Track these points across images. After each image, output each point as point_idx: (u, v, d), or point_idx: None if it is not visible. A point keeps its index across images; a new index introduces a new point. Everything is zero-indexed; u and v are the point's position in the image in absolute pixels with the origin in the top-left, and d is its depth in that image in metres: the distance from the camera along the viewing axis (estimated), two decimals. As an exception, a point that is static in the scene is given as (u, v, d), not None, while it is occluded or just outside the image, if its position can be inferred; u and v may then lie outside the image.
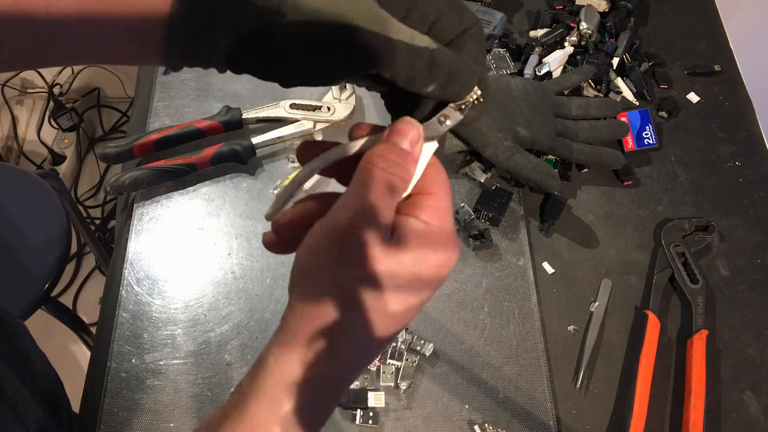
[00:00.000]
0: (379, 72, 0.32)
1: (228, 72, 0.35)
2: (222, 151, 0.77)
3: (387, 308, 0.32)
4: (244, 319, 0.71)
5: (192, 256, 0.75)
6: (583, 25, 0.87)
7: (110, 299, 0.72)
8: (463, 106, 0.35)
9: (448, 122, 0.35)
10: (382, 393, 0.66)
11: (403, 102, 0.36)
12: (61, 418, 0.64)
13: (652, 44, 0.91)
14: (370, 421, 0.65)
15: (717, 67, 0.89)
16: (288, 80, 0.34)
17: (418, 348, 0.68)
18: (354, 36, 0.31)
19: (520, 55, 0.88)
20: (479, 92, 0.35)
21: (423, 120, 0.35)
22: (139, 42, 0.33)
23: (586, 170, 0.81)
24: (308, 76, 0.34)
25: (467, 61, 0.34)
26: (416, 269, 0.32)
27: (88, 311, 1.69)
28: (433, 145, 0.35)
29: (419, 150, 0.34)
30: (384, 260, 0.31)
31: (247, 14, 0.32)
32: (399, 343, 0.68)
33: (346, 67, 0.33)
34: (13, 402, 0.53)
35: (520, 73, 0.86)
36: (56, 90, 1.90)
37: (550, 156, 0.79)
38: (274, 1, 0.32)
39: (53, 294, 1.11)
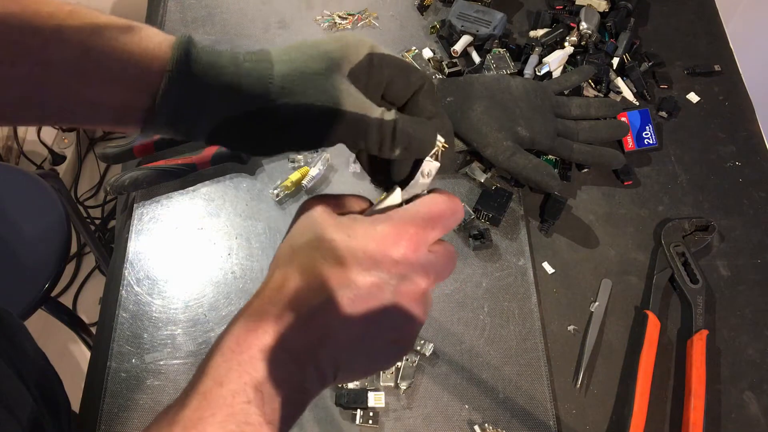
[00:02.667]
0: (354, 144, 0.37)
1: None
2: (222, 151, 0.77)
3: (350, 278, 0.34)
4: (244, 319, 0.71)
5: (192, 256, 0.75)
6: (583, 25, 0.87)
7: (110, 299, 0.72)
8: (437, 157, 0.39)
9: (432, 173, 0.40)
10: (382, 393, 0.66)
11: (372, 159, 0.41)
12: (60, 418, 0.64)
13: (652, 44, 0.91)
14: (370, 421, 0.65)
15: (717, 67, 0.89)
16: (260, 154, 0.38)
17: (418, 348, 0.68)
18: (338, 117, 0.35)
19: (520, 55, 0.88)
20: (443, 140, 0.39)
21: (408, 178, 0.40)
22: (120, 115, 0.36)
23: (586, 170, 0.81)
24: (282, 149, 0.38)
25: (425, 122, 0.38)
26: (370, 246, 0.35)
27: (88, 311, 1.68)
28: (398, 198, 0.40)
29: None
30: (339, 234, 0.35)
31: (234, 101, 0.35)
32: (399, 343, 0.68)
33: (324, 141, 0.36)
34: (10, 402, 0.53)
35: (520, 73, 0.86)
36: (56, 90, 1.90)
37: (550, 156, 0.79)
38: (260, 86, 0.35)
39: (53, 294, 1.11)
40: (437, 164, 0.39)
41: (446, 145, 0.39)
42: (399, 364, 0.67)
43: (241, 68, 0.35)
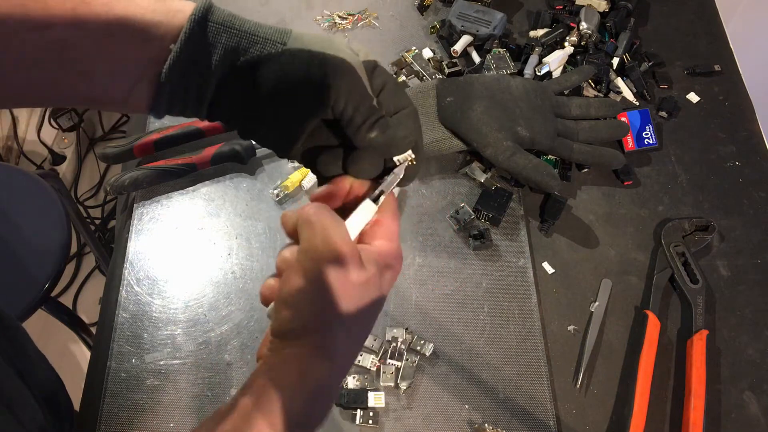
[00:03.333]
0: (344, 110, 0.38)
1: None
2: (222, 151, 0.77)
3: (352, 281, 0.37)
4: (244, 319, 0.71)
5: (192, 256, 0.75)
6: (583, 25, 0.87)
7: (110, 299, 0.72)
8: (404, 165, 0.42)
9: (396, 180, 0.42)
10: (382, 393, 0.66)
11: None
12: (63, 420, 0.64)
13: (652, 44, 0.91)
14: (370, 421, 0.65)
15: (717, 67, 0.89)
16: (254, 127, 0.40)
17: (418, 348, 0.68)
18: (346, 71, 0.37)
19: (520, 55, 0.88)
20: (413, 155, 0.42)
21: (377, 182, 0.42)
22: (140, 75, 0.37)
23: (586, 170, 0.81)
24: (287, 113, 0.39)
25: (407, 127, 0.41)
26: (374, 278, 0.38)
27: (88, 311, 1.68)
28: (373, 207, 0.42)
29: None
30: (356, 281, 0.37)
31: (251, 45, 0.37)
32: (399, 343, 0.68)
33: (327, 99, 0.38)
34: (11, 401, 0.53)
35: (520, 73, 0.86)
36: (56, 90, 1.90)
37: (550, 156, 0.79)
38: (276, 34, 0.38)
39: (53, 294, 1.10)
40: (401, 174, 0.42)
41: (414, 162, 0.42)
42: (399, 364, 0.67)
43: (260, 24, 0.38)
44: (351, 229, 0.39)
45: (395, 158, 0.42)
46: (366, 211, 0.41)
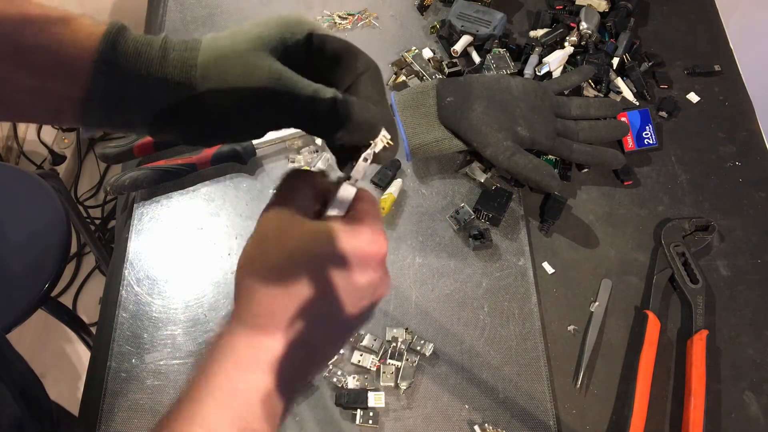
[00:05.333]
0: (288, 126, 0.36)
1: None
2: (222, 151, 0.77)
3: (353, 280, 0.35)
4: (244, 319, 0.71)
5: (192, 256, 0.75)
6: (583, 25, 0.87)
7: (110, 299, 0.72)
8: (376, 150, 0.37)
9: (366, 163, 0.38)
10: (382, 393, 0.66)
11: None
12: (42, 417, 0.64)
13: (652, 44, 0.91)
14: (370, 421, 0.65)
15: (717, 67, 0.89)
16: (205, 144, 0.38)
17: (418, 348, 0.68)
18: (262, 97, 0.34)
19: (520, 55, 0.88)
20: (389, 136, 0.37)
21: (342, 164, 0.39)
22: (58, 106, 0.35)
23: (586, 170, 0.81)
24: (223, 138, 0.37)
25: (370, 106, 0.36)
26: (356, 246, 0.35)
27: (88, 311, 1.68)
28: (352, 189, 0.38)
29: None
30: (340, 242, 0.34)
31: (158, 93, 0.35)
32: (399, 343, 0.68)
33: (259, 125, 0.36)
34: None
35: (520, 73, 0.86)
36: (56, 90, 1.89)
37: (550, 156, 0.79)
38: (183, 75, 0.34)
39: (53, 294, 1.10)
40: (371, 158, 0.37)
41: (390, 143, 0.37)
42: (399, 363, 0.67)
43: (167, 58, 0.35)
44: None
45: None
46: (346, 195, 0.38)
